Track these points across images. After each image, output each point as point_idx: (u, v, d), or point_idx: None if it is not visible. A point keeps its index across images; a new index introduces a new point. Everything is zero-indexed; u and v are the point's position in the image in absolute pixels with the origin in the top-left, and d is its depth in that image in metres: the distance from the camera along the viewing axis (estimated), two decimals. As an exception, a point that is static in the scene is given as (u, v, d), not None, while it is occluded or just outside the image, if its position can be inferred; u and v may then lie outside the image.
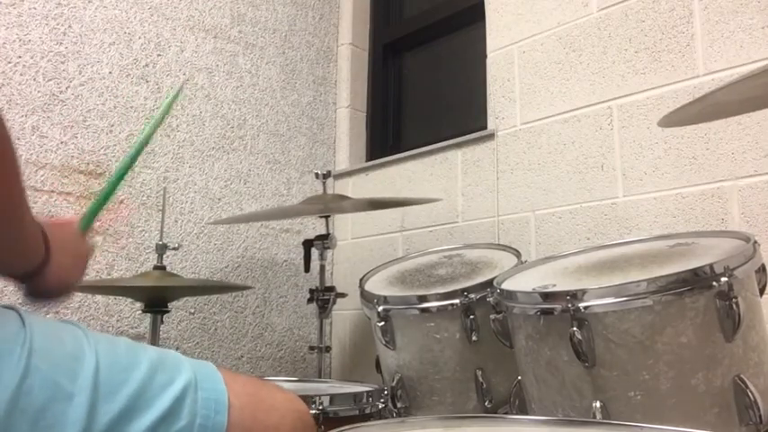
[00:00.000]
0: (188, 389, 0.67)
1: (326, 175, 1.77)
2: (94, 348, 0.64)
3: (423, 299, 1.31)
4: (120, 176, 0.92)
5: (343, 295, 1.75)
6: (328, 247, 1.75)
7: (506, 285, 1.15)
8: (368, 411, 1.20)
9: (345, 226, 2.32)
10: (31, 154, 1.69)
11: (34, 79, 1.72)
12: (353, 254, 2.28)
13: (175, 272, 1.72)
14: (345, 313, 2.25)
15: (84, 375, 0.61)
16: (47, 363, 0.60)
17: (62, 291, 0.76)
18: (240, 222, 2.11)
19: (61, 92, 1.76)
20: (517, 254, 1.43)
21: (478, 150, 1.95)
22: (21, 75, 1.70)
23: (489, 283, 1.22)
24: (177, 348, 1.88)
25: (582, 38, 1.74)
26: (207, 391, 0.68)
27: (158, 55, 1.98)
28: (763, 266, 1.03)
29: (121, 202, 1.83)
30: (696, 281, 0.92)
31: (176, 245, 1.65)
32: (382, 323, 1.32)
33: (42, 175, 1.70)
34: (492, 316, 1.17)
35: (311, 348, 1.79)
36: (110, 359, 0.64)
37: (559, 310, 0.97)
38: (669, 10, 1.58)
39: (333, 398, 1.16)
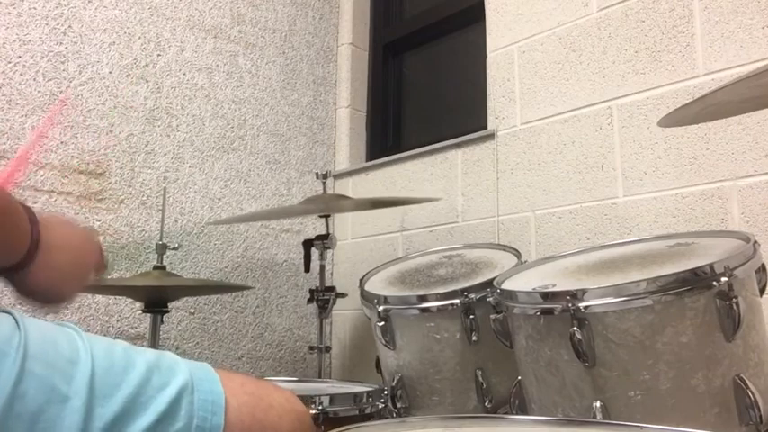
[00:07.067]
0: (184, 390, 0.66)
1: (326, 175, 1.77)
2: (90, 351, 0.64)
3: (423, 299, 1.31)
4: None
5: (343, 295, 1.75)
6: (328, 247, 1.75)
7: (506, 285, 1.14)
8: (368, 411, 1.20)
9: (345, 226, 2.32)
10: (32, 154, 1.69)
11: (34, 79, 1.72)
12: (353, 254, 2.28)
13: (175, 272, 1.72)
14: (345, 313, 2.25)
15: (79, 378, 0.61)
16: (42, 366, 0.59)
17: (52, 295, 0.72)
18: (240, 222, 2.11)
19: (61, 92, 1.76)
20: (517, 254, 1.43)
21: (478, 150, 1.95)
22: (21, 75, 1.70)
23: (489, 283, 1.22)
24: (177, 348, 1.88)
25: (582, 38, 1.74)
26: (203, 393, 0.68)
27: (158, 55, 1.98)
28: (763, 266, 1.03)
29: (121, 202, 1.83)
30: (696, 281, 0.92)
31: (176, 245, 1.65)
32: (382, 323, 1.32)
33: (42, 175, 1.70)
34: (492, 316, 1.17)
35: (311, 348, 1.79)
36: (105, 361, 0.64)
37: (559, 309, 0.97)
38: (669, 10, 1.58)
39: (333, 398, 1.16)
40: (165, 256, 1.59)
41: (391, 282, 1.47)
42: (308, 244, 1.77)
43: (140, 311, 1.71)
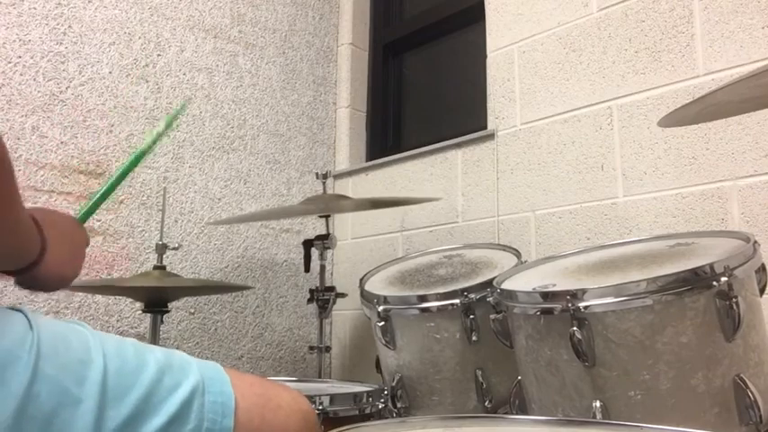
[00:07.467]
0: (196, 392, 0.66)
1: (326, 175, 1.77)
2: (101, 351, 0.64)
3: (423, 299, 1.31)
4: (124, 174, 0.98)
5: (343, 295, 1.75)
6: (328, 247, 1.75)
7: (506, 285, 1.14)
8: (368, 411, 1.20)
9: (345, 226, 2.32)
10: (31, 154, 1.69)
11: (34, 79, 1.72)
12: (353, 254, 2.28)
13: (175, 272, 1.72)
14: (345, 313, 2.25)
15: (91, 379, 0.61)
16: (54, 367, 0.59)
17: (59, 283, 0.75)
18: (240, 222, 2.11)
19: (61, 92, 1.76)
20: (517, 254, 1.43)
21: (478, 150, 1.95)
22: (21, 75, 1.70)
23: (489, 283, 1.22)
24: (177, 348, 1.88)
25: (582, 38, 1.74)
26: (214, 395, 0.68)
27: (158, 55, 1.98)
28: (763, 266, 1.03)
29: (121, 202, 1.83)
30: (696, 281, 0.92)
31: (176, 245, 1.65)
32: (382, 323, 1.32)
33: (42, 175, 1.70)
34: (492, 316, 1.17)
35: (311, 348, 1.79)
36: (117, 362, 0.64)
37: (559, 309, 0.97)
38: (669, 10, 1.58)
39: (333, 398, 1.16)
40: (164, 256, 1.59)
41: (391, 282, 1.47)
42: (308, 244, 1.77)
43: (140, 311, 1.71)
